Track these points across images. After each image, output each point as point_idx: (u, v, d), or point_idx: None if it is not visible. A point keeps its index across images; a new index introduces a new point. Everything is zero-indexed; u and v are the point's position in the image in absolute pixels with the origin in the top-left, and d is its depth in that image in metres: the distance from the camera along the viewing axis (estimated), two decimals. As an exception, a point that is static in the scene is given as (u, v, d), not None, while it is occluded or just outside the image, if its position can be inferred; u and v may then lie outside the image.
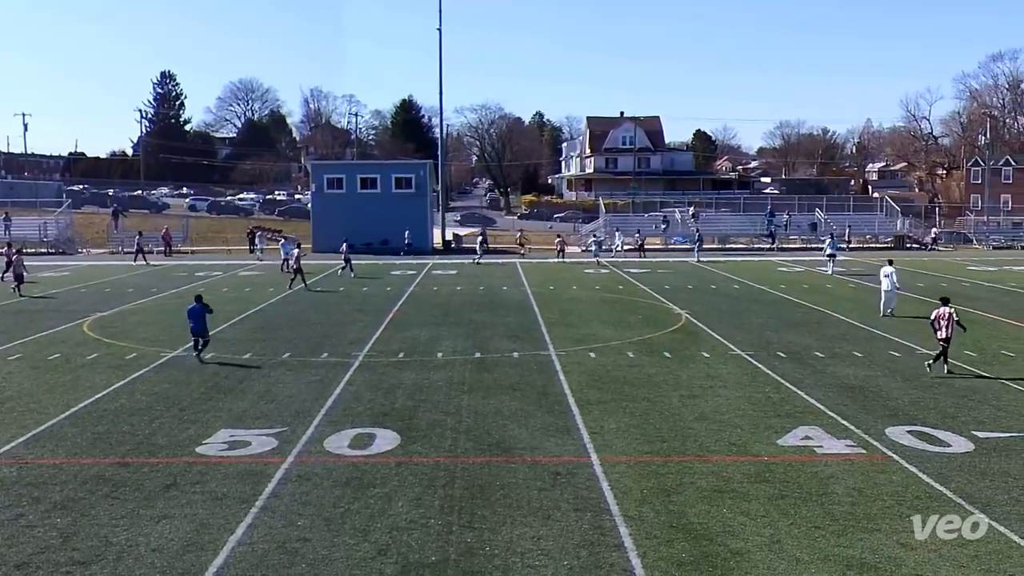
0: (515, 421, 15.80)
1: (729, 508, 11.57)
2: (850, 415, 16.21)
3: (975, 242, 72.45)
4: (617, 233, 60.79)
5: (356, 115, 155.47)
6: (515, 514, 11.33)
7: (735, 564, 9.87)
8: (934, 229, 71.86)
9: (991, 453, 13.96)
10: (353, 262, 44.84)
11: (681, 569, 9.72)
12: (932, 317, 19.93)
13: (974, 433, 15.05)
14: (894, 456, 13.81)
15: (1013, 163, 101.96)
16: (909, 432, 15.12)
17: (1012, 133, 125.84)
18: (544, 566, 9.80)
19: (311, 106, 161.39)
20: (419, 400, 17.36)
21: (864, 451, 14.10)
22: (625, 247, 58.23)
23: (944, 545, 10.37)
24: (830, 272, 44.44)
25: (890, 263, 30.34)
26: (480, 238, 56.26)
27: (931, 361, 20.07)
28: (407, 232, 58.43)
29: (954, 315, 19.67)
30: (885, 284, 29.46)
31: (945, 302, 20.15)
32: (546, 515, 11.30)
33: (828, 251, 46.04)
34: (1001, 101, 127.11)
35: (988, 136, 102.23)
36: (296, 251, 39.29)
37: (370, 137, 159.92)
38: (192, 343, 21.57)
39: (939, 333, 19.65)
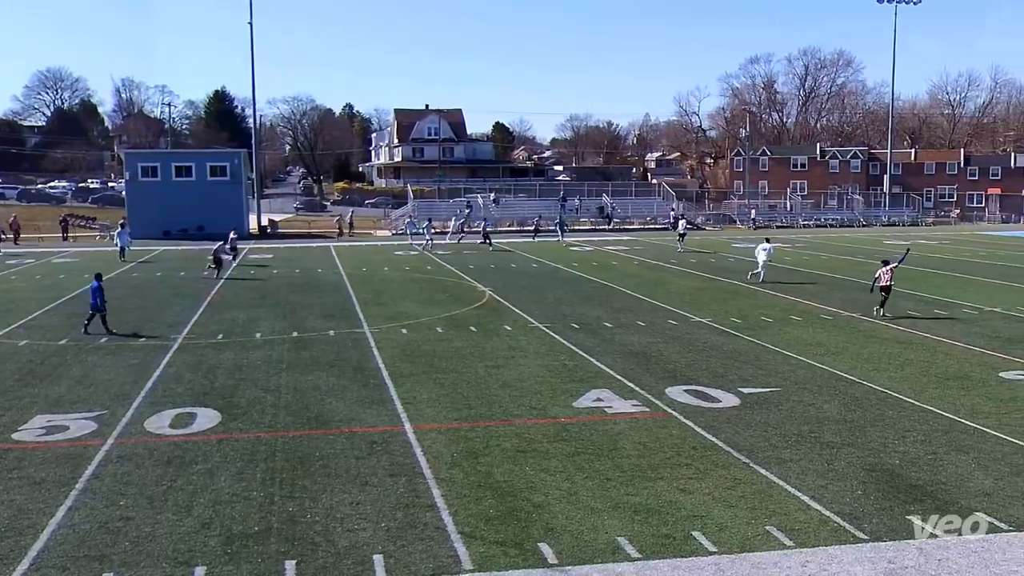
0: (332, 395, 15.57)
1: (531, 466, 11.82)
2: (635, 378, 16.86)
3: (738, 223, 76.60)
4: (453, 218, 60.81)
5: (169, 105, 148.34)
6: (334, 482, 11.19)
7: (537, 516, 10.11)
8: (672, 210, 74.71)
9: (754, 407, 14.85)
10: (217, 249, 41.79)
11: (489, 524, 9.87)
12: (876, 275, 24.60)
13: (740, 390, 15.96)
14: (673, 413, 14.47)
15: (769, 153, 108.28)
16: (686, 391, 15.87)
17: (767, 127, 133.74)
18: (363, 529, 9.74)
19: (123, 96, 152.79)
20: (239, 379, 16.83)
21: (648, 409, 14.70)
22: (457, 235, 56.36)
23: (716, 488, 10.97)
24: (680, 250, 46.45)
25: (767, 240, 33.28)
26: (461, 222, 55.91)
27: (878, 307, 24.25)
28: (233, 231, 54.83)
29: (894, 268, 24.44)
30: (761, 257, 32.35)
31: (885, 263, 24.67)
32: (363, 482, 11.21)
33: (680, 231, 48.80)
34: (758, 99, 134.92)
35: (748, 129, 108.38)
36: (225, 243, 36.18)
37: (184, 127, 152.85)
38: (88, 317, 21.66)
39: (879, 282, 24.27)
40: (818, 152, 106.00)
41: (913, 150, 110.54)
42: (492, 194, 75.49)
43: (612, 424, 13.85)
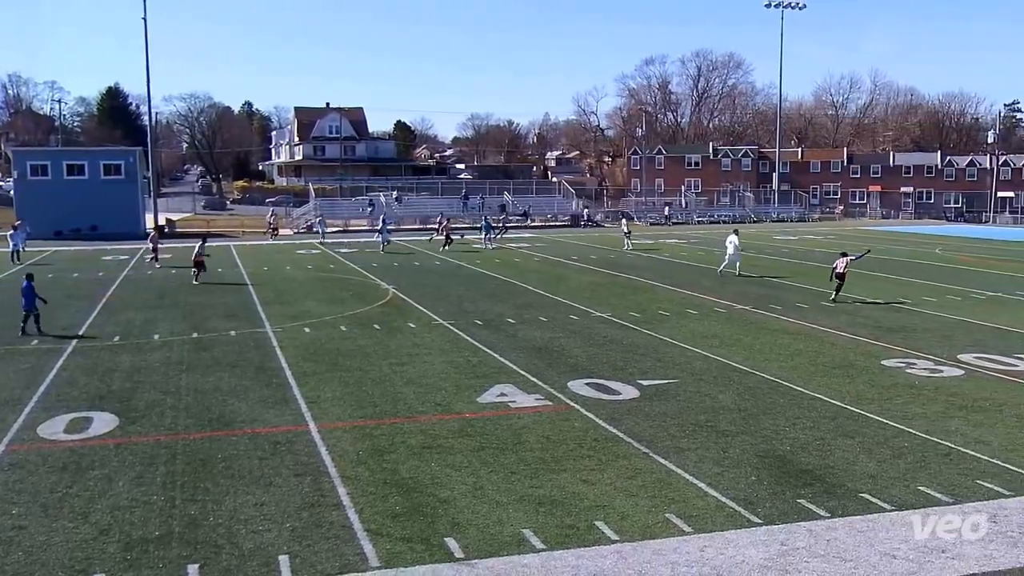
0: (234, 396, 15.23)
1: (437, 462, 11.79)
2: (538, 372, 16.98)
3: (635, 219, 77.90)
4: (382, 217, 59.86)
5: (60, 101, 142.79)
6: (237, 484, 10.94)
7: (443, 511, 10.09)
8: (583, 207, 75.71)
9: (653, 398, 15.12)
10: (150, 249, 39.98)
11: (395, 520, 9.81)
12: (834, 264, 26.94)
13: (639, 382, 16.23)
14: (575, 406, 14.62)
15: (664, 152, 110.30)
16: (587, 384, 16.06)
17: (663, 126, 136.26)
18: (268, 530, 9.55)
19: (9, 92, 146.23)
20: (137, 382, 16.31)
21: (551, 403, 14.82)
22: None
23: (617, 479, 11.13)
24: (627, 247, 46.64)
25: (736, 232, 34.22)
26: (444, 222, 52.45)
27: (833, 293, 26.40)
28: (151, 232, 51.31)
29: (850, 260, 27.05)
30: (729, 248, 33.29)
31: (844, 255, 27.31)
32: (268, 482, 11.00)
33: (624, 229, 49.36)
34: (654, 99, 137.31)
35: (644, 129, 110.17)
36: (202, 243, 33.31)
37: (75, 124, 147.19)
38: (24, 319, 21.03)
39: (835, 270, 26.56)
40: (711, 151, 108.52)
41: (800, 149, 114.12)
42: (395, 193, 75.01)
43: (516, 418, 13.91)
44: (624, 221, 51.23)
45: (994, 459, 11.91)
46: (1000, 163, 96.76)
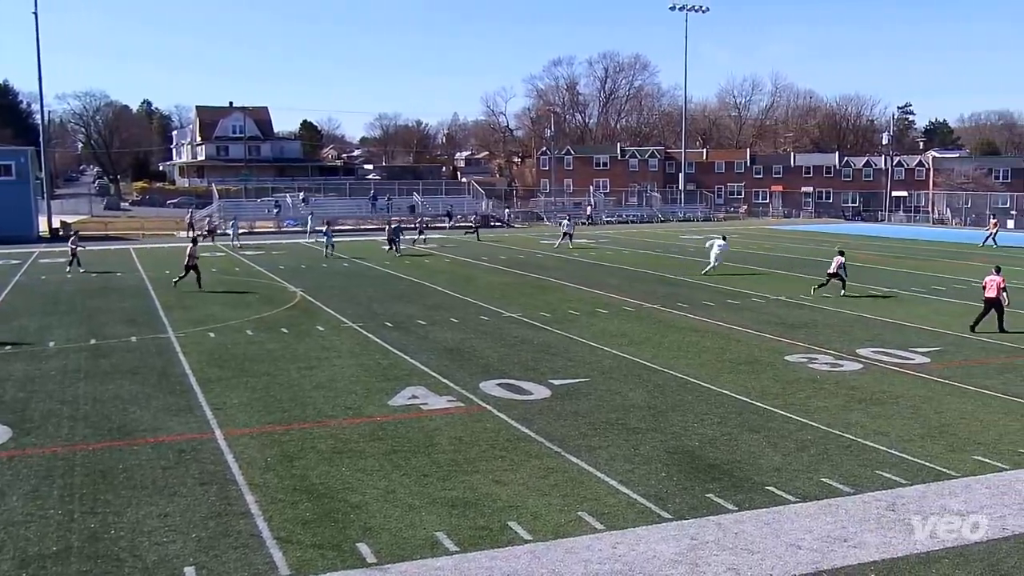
0: (136, 404, 14.80)
1: (348, 467, 11.67)
2: (450, 374, 16.95)
3: (545, 219, 78.39)
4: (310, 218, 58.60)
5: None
6: (140, 495, 10.63)
7: (355, 516, 9.99)
8: (479, 209, 75.84)
9: (564, 397, 15.25)
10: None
11: (306, 527, 9.67)
12: (833, 264, 28.48)
13: (551, 381, 16.35)
14: (487, 406, 14.65)
15: (573, 152, 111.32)
16: (499, 384, 16.11)
17: (571, 127, 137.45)
18: (172, 541, 9.31)
19: None
20: (31, 391, 15.69)
21: (463, 404, 14.82)
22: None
23: (530, 478, 11.20)
24: (557, 245, 47.13)
25: (724, 238, 35.41)
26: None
27: (816, 287, 28.34)
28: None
29: (843, 262, 28.39)
30: (716, 250, 34.04)
31: (841, 253, 28.84)
32: (172, 492, 10.72)
33: (564, 229, 49.24)
34: (562, 100, 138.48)
35: (553, 129, 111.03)
36: (192, 246, 31.30)
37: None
38: None
39: (830, 269, 28.23)
40: (619, 152, 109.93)
41: (705, 150, 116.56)
42: (301, 193, 73.91)
43: (428, 420, 13.86)
44: (566, 221, 51.65)
45: (891, 450, 12.37)
46: (894, 164, 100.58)
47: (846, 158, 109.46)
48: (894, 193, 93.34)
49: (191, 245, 31.11)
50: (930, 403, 14.87)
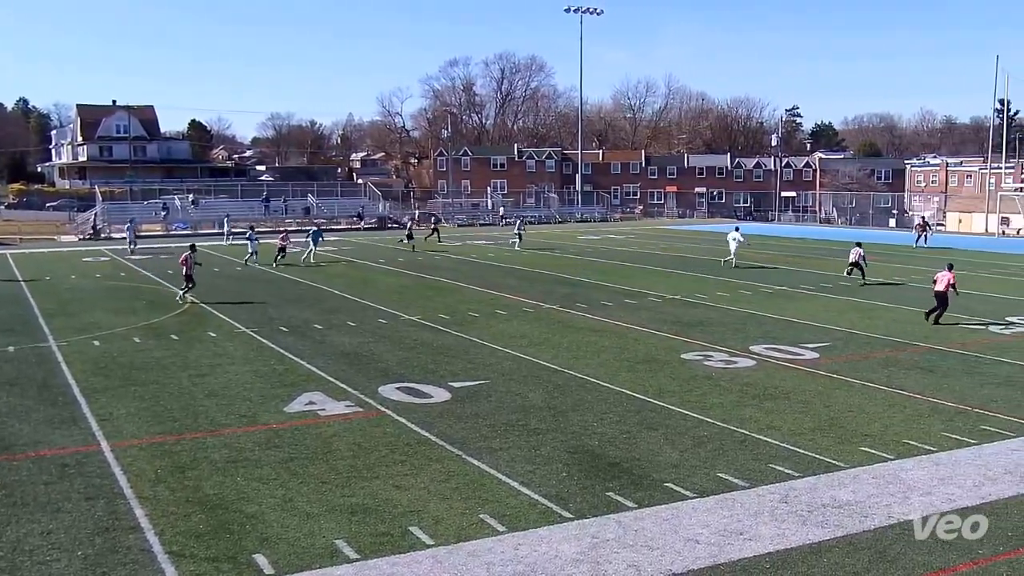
0: (15, 417, 14.16)
1: (243, 476, 11.42)
2: (347, 378, 16.76)
3: (443, 221, 78.17)
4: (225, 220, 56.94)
5: None
6: (20, 512, 10.18)
7: (251, 527, 9.79)
8: (375, 207, 75.67)
9: (464, 400, 15.26)
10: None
11: (199, 540, 9.42)
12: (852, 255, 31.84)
13: (450, 384, 16.33)
14: (387, 411, 14.54)
15: (470, 153, 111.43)
16: (398, 388, 16.00)
17: (468, 128, 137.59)
18: (56, 560, 8.94)
19: None
20: (-102, 406, 14.86)
21: (361, 409, 14.67)
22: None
23: (431, 482, 11.16)
24: (518, 247, 47.44)
25: (737, 229, 39.06)
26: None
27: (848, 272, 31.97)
28: None
29: (862, 252, 31.70)
30: (732, 245, 37.51)
31: (859, 244, 31.91)
32: (56, 508, 10.29)
33: (516, 230, 49.73)
34: (458, 101, 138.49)
35: (450, 130, 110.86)
36: (192, 253, 28.78)
37: None
38: None
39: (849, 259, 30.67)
40: (516, 152, 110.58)
41: (601, 151, 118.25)
42: (190, 195, 72.00)
43: (326, 427, 13.68)
44: (518, 223, 52.10)
45: (784, 443, 12.78)
46: (783, 165, 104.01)
47: (737, 159, 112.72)
48: (783, 193, 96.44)
49: (189, 252, 28.51)
50: (820, 397, 15.41)
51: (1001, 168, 74.42)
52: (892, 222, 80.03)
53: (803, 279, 33.26)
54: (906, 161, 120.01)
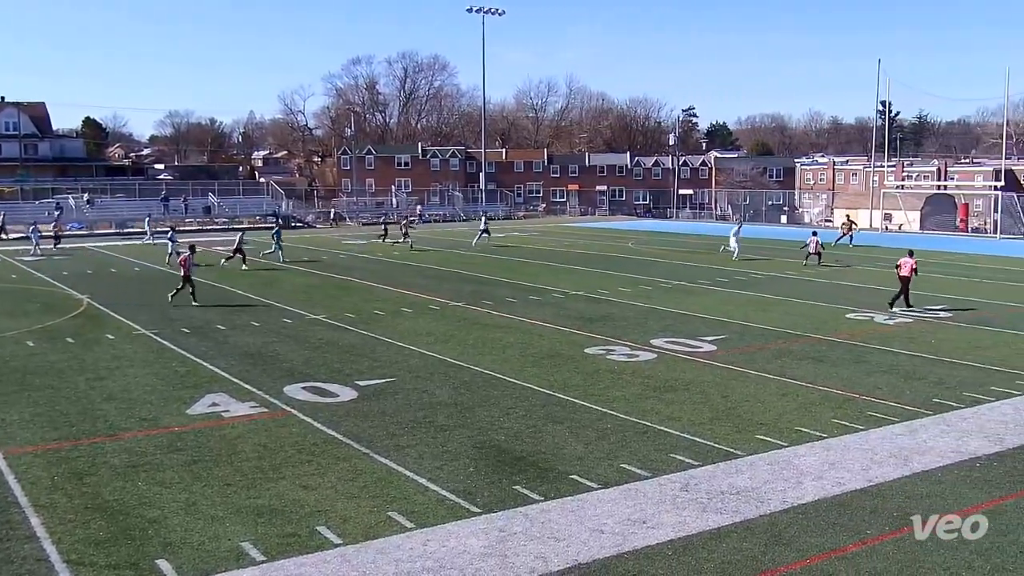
0: (-101, 426, 13.45)
1: (144, 481, 11.10)
2: (252, 379, 16.45)
3: (348, 220, 77.40)
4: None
5: None
6: (-94, 525, 9.68)
7: (153, 532, 9.52)
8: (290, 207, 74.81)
9: (371, 398, 15.14)
10: None
11: (99, 547, 9.12)
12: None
13: (357, 382, 16.18)
14: (292, 411, 14.32)
15: (374, 152, 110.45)
16: (304, 388, 15.78)
17: (372, 127, 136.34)
18: (-54, 573, 8.54)
19: None
20: None
21: (267, 410, 14.42)
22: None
23: (339, 482, 11.04)
24: (474, 243, 48.08)
25: (740, 222, 44.71)
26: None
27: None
28: None
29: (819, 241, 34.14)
30: (732, 240, 40.28)
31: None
32: (-56, 520, 9.83)
33: (483, 227, 50.16)
34: (362, 99, 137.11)
35: (353, 129, 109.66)
36: (185, 252, 27.00)
37: None
38: None
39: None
40: (420, 151, 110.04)
41: (504, 150, 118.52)
42: (85, 195, 69.48)
43: (230, 428, 13.40)
44: (483, 219, 51.99)
45: (684, 433, 13.06)
46: (680, 163, 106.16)
47: (637, 158, 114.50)
48: (681, 191, 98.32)
49: (189, 253, 26.91)
50: (717, 388, 15.80)
51: (884, 166, 77.43)
52: (783, 218, 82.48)
53: (701, 274, 34.01)
54: (796, 160, 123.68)
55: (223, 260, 37.34)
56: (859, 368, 17.46)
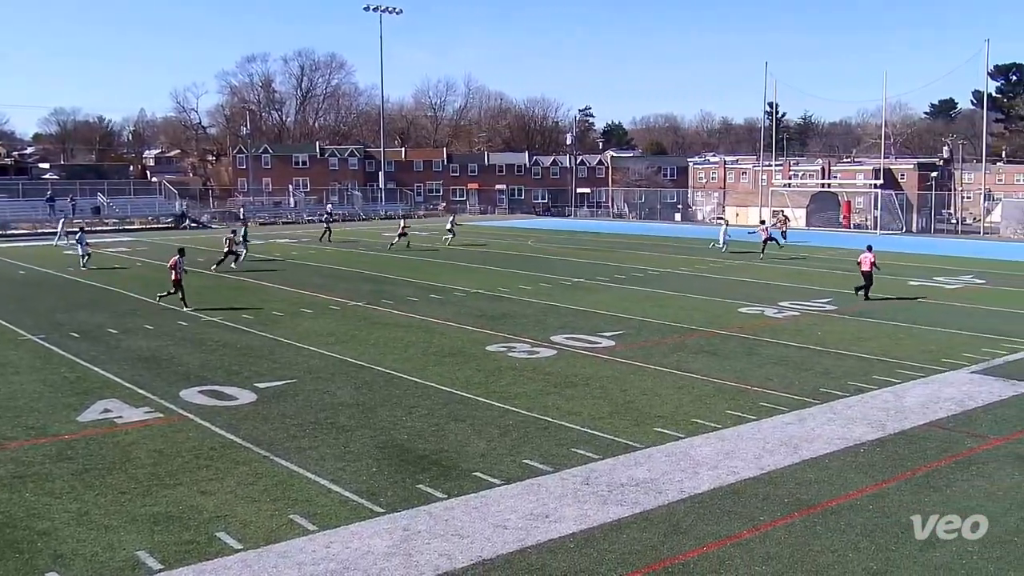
0: None
1: (32, 491, 10.64)
2: (146, 384, 15.95)
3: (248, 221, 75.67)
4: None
5: None
6: None
7: (43, 544, 9.14)
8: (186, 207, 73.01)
9: (271, 400, 14.86)
10: None
11: (-16, 562, 8.71)
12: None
13: (256, 385, 15.86)
14: (189, 415, 13.94)
15: (271, 151, 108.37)
16: (200, 392, 15.38)
17: (268, 125, 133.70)
18: None
19: None
20: None
21: (162, 415, 14.00)
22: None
23: (238, 486, 10.80)
24: (445, 240, 47.45)
25: (726, 222, 46.37)
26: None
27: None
28: None
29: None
30: (723, 236, 42.92)
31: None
32: None
33: (448, 226, 49.42)
34: (257, 97, 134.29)
35: (249, 127, 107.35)
36: (180, 258, 24.91)
37: None
38: None
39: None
40: (318, 150, 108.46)
41: (403, 149, 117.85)
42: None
43: (123, 435, 12.96)
44: (451, 218, 51.09)
45: (584, 428, 13.23)
46: (577, 163, 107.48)
47: (535, 157, 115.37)
48: (578, 190, 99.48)
49: (178, 256, 25.27)
50: (616, 383, 16.05)
51: (772, 165, 79.93)
52: (678, 216, 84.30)
53: (599, 271, 34.48)
54: (689, 159, 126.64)
55: (213, 266, 35.33)
56: (751, 360, 17.98)
